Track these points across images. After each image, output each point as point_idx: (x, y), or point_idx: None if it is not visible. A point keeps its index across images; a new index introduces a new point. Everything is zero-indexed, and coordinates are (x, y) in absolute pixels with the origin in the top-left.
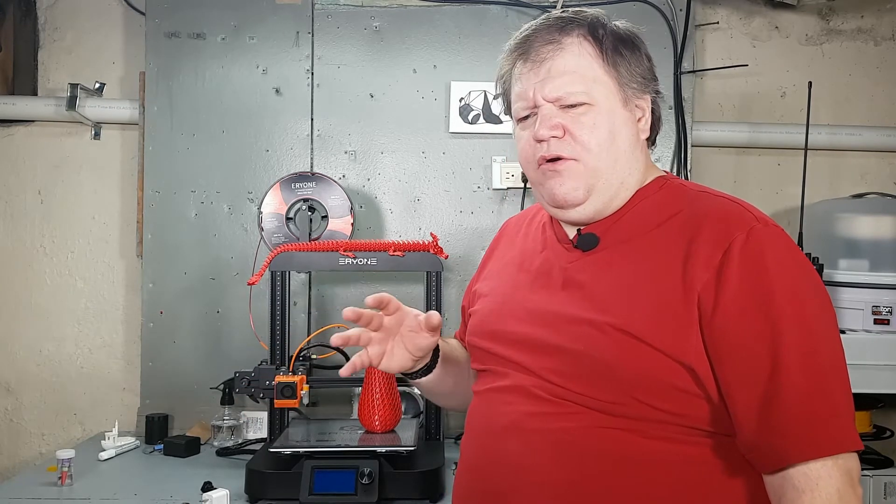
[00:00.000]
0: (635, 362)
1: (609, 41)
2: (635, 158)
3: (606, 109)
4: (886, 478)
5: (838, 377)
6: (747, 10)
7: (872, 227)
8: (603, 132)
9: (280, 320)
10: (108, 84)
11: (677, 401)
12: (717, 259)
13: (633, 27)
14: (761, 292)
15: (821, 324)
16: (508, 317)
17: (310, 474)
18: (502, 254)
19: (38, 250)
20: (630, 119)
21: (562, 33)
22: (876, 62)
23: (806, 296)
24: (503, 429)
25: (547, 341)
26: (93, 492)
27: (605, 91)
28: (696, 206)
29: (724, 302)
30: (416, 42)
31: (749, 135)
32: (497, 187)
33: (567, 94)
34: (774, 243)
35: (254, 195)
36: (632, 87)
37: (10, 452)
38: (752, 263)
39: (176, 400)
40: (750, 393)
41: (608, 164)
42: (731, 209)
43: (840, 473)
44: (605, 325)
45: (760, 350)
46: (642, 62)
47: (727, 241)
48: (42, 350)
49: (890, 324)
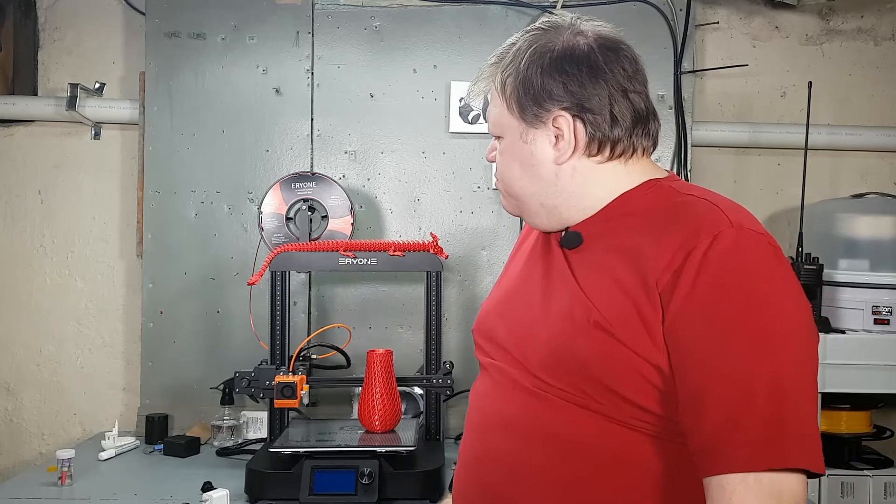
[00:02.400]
0: (610, 360)
1: (511, 83)
2: (567, 180)
3: (509, 142)
4: (886, 478)
5: (788, 391)
6: (747, 10)
7: (872, 227)
8: (513, 166)
9: (280, 320)
10: (108, 84)
11: (655, 399)
12: (677, 262)
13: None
14: (713, 298)
15: (776, 335)
16: (503, 314)
17: (310, 474)
18: (516, 252)
19: (38, 250)
20: (538, 146)
21: (486, 78)
22: (876, 62)
23: (765, 304)
24: (495, 424)
25: (534, 337)
26: (93, 492)
27: (508, 124)
28: (674, 208)
29: (676, 305)
30: (416, 42)
31: (749, 135)
32: (497, 187)
33: (490, 125)
34: (742, 249)
35: (254, 195)
36: (532, 110)
37: (10, 452)
38: (709, 268)
39: (176, 400)
40: (686, 396)
41: (526, 195)
42: (707, 212)
43: (762, 492)
44: (583, 322)
45: (698, 356)
46: (539, 80)
47: (691, 245)
48: (42, 350)
49: (890, 324)
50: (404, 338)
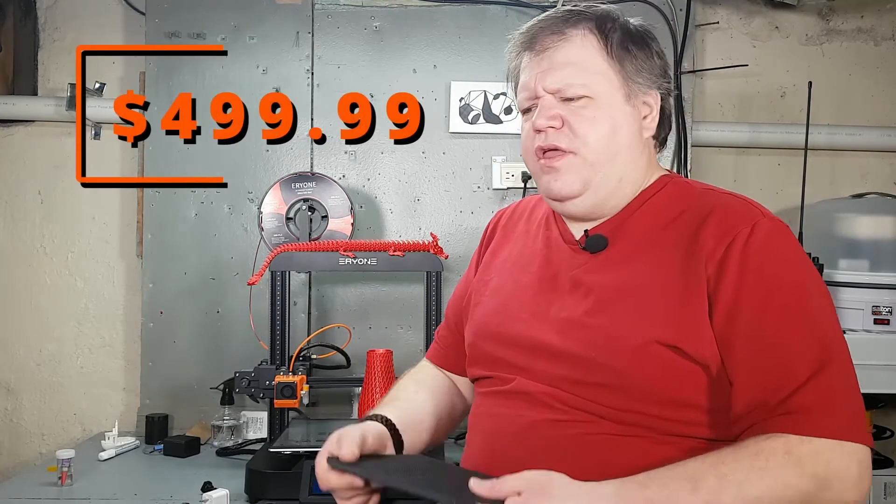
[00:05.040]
0: (647, 369)
1: (616, 36)
2: (637, 155)
3: (607, 104)
4: (886, 478)
5: (842, 368)
6: (747, 10)
7: (872, 227)
8: (602, 127)
9: (280, 320)
10: (108, 84)
11: (684, 408)
12: (720, 252)
13: (646, 25)
14: (765, 286)
15: (825, 319)
16: (513, 319)
17: (310, 474)
18: (498, 248)
19: (38, 250)
20: (633, 115)
21: (568, 25)
22: (876, 62)
23: (810, 290)
24: (511, 435)
25: (555, 347)
26: (93, 492)
27: (607, 85)
28: (701, 203)
29: (725, 293)
30: (416, 42)
31: (749, 135)
32: (497, 187)
33: (566, 86)
34: (778, 238)
35: (254, 195)
36: (637, 82)
37: (10, 452)
38: (755, 257)
39: (176, 400)
40: (752, 383)
41: (606, 158)
42: (736, 204)
43: (851, 459)
44: (617, 331)
45: (762, 341)
46: (651, 59)
47: (731, 235)
48: (42, 350)
49: (890, 324)
50: (404, 338)
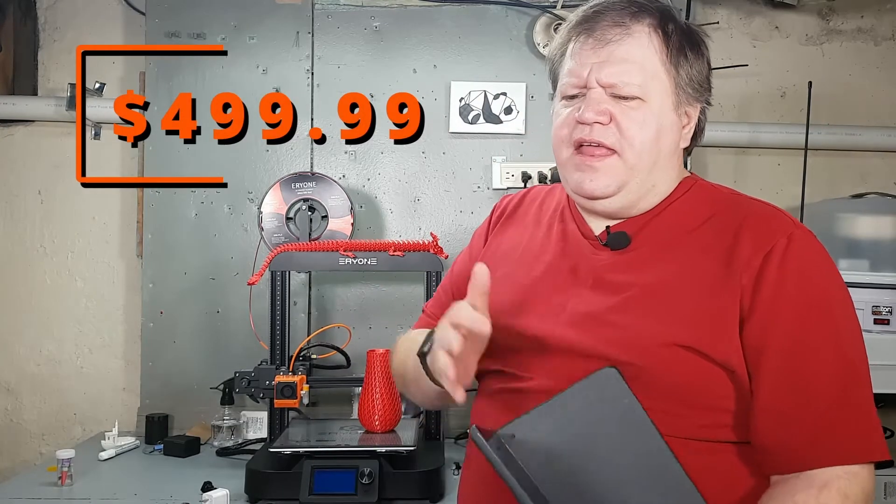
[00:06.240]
0: (673, 370)
1: (676, 39)
2: (672, 164)
3: (658, 109)
4: (886, 478)
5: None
6: (747, 10)
7: (872, 227)
8: (649, 131)
9: (280, 320)
10: (108, 84)
11: (709, 411)
12: (757, 262)
13: (701, 29)
14: (802, 300)
15: (852, 335)
16: (528, 312)
17: (310, 474)
18: (505, 235)
19: (38, 250)
20: (677, 124)
21: (632, 19)
22: (876, 62)
23: (841, 306)
24: None
25: (577, 344)
26: (93, 492)
27: (660, 89)
28: (730, 209)
29: (762, 305)
30: (416, 42)
31: (749, 135)
32: (497, 187)
33: (623, 84)
34: (813, 250)
35: (254, 195)
36: (687, 91)
37: (10, 452)
38: (792, 269)
39: (176, 400)
40: (780, 396)
41: (647, 164)
42: (770, 212)
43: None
44: (643, 331)
45: (796, 356)
46: (703, 68)
47: (769, 245)
48: (42, 350)
49: (890, 324)
50: None
